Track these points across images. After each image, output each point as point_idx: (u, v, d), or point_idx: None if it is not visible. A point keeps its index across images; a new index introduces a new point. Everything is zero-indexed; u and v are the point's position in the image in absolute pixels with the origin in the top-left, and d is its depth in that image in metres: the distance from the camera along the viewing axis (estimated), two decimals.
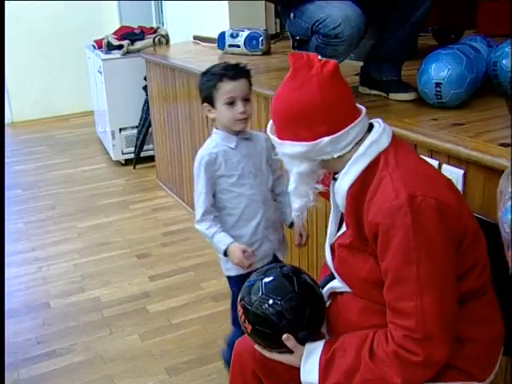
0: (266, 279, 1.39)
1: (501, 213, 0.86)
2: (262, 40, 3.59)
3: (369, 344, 1.26)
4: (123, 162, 4.87)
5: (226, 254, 1.91)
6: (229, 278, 2.05)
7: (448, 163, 1.69)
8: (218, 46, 3.77)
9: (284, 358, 1.39)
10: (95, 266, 3.23)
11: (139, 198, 4.19)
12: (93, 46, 4.96)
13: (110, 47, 4.63)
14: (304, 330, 1.35)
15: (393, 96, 2.25)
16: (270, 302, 1.34)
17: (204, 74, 1.93)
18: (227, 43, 3.70)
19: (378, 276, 1.26)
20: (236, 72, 1.88)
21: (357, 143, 1.31)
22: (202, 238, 3.47)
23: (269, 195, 2.00)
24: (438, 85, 1.96)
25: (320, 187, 1.40)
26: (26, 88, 6.36)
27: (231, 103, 1.85)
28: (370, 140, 1.30)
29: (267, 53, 3.63)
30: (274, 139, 1.38)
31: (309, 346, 1.35)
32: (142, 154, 4.77)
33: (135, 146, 4.74)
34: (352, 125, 1.30)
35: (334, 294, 1.45)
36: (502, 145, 1.59)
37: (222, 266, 2.04)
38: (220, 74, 1.86)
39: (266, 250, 1.99)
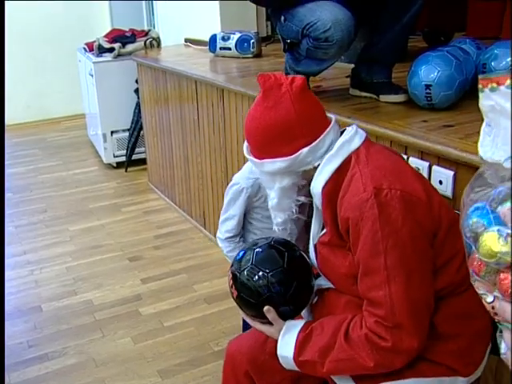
0: (258, 250, 1.42)
1: (462, 220, 0.85)
2: (253, 43, 3.60)
3: (346, 326, 1.29)
4: (115, 164, 4.87)
5: None
6: None
7: (438, 164, 1.71)
8: (210, 48, 3.78)
9: (264, 328, 1.42)
10: (87, 268, 3.22)
11: (131, 201, 4.19)
12: (84, 48, 4.95)
13: (102, 50, 4.62)
14: (287, 304, 1.39)
15: (383, 98, 2.27)
16: (260, 273, 1.38)
17: None
18: (218, 46, 3.71)
19: (357, 271, 1.29)
20: None
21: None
22: (194, 240, 3.50)
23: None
24: (427, 87, 1.97)
25: (302, 199, 1.44)
26: (17, 91, 6.33)
27: None
28: (341, 141, 1.35)
29: (258, 55, 3.64)
30: (253, 160, 1.41)
31: (289, 322, 1.39)
32: (134, 157, 4.76)
33: (127, 149, 4.73)
34: (326, 131, 1.35)
35: (320, 291, 1.49)
36: None
37: None
38: None
39: None
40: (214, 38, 3.75)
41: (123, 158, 4.78)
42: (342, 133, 1.39)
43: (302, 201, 1.44)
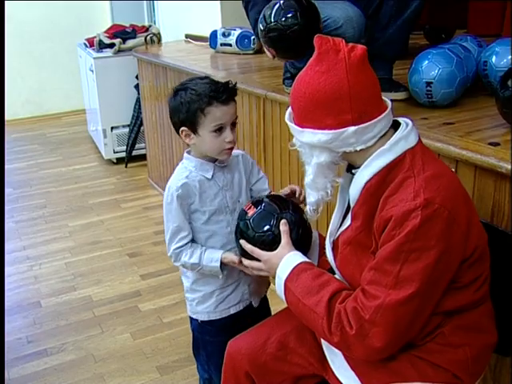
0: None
1: None
2: (253, 39, 3.59)
3: (336, 288, 1.28)
4: (115, 160, 4.86)
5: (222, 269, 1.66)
6: (193, 321, 1.80)
7: None
8: (210, 44, 3.78)
9: (258, 264, 1.47)
10: (87, 264, 3.22)
11: (131, 197, 4.18)
12: (84, 44, 4.95)
13: (102, 45, 4.61)
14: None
15: (384, 95, 2.24)
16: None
17: (182, 90, 1.59)
18: (219, 42, 3.70)
19: None
20: (228, 95, 1.57)
21: (381, 137, 1.27)
22: None
23: None
24: (428, 84, 1.97)
25: (340, 180, 1.36)
26: (17, 86, 6.34)
27: (219, 130, 1.57)
28: (397, 136, 1.26)
29: (259, 52, 3.63)
30: (293, 127, 1.32)
31: (292, 253, 1.41)
32: (134, 153, 4.76)
33: (127, 145, 4.73)
34: (380, 117, 1.26)
35: None
36: (491, 144, 1.61)
37: (188, 308, 1.79)
38: (210, 95, 1.54)
39: (241, 296, 1.74)
40: (214, 34, 3.74)
41: (123, 154, 4.78)
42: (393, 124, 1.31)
43: (340, 182, 1.36)
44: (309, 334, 1.48)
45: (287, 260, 1.39)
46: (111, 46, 4.57)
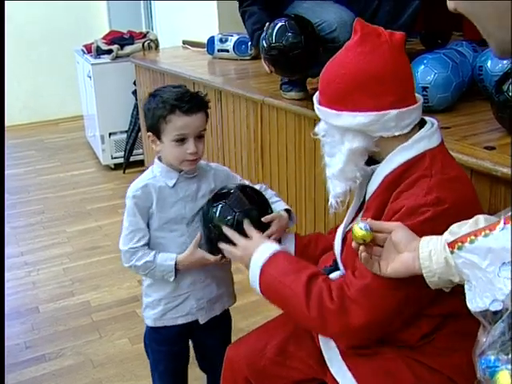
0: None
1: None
2: (250, 45, 3.60)
3: (316, 271, 1.29)
4: (113, 166, 4.87)
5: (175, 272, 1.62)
6: (145, 325, 1.77)
7: None
8: (208, 50, 3.79)
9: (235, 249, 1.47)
10: (85, 270, 3.22)
11: None
12: (82, 50, 4.96)
13: (100, 52, 4.63)
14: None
15: None
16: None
17: (153, 96, 1.59)
18: (216, 48, 3.72)
19: None
20: (192, 105, 1.54)
21: (413, 128, 1.26)
22: None
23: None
24: (424, 89, 1.98)
25: (369, 169, 1.31)
26: (14, 92, 6.34)
27: (181, 140, 1.54)
28: (421, 134, 1.25)
29: (256, 57, 3.64)
30: (327, 111, 1.27)
31: (268, 242, 1.43)
32: (132, 159, 4.76)
33: (125, 151, 4.73)
34: (417, 105, 1.26)
35: None
36: (486, 148, 1.62)
37: (142, 312, 1.77)
38: (172, 104, 1.52)
39: (189, 309, 1.70)
40: (211, 39, 3.76)
41: (121, 160, 4.78)
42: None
43: (368, 172, 1.31)
44: (308, 338, 1.48)
45: (265, 246, 1.40)
46: (109, 52, 4.58)
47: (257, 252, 1.39)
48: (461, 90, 2.03)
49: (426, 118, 1.32)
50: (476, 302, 0.86)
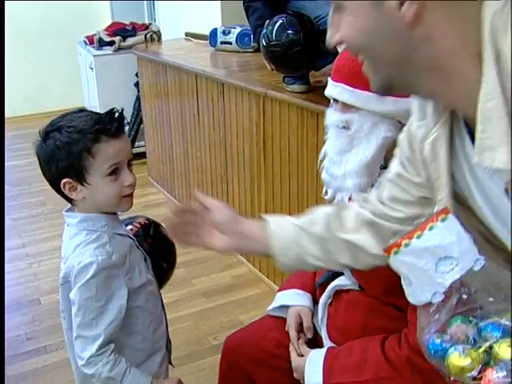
0: None
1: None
2: (253, 39, 3.59)
3: (380, 344, 1.23)
4: None
5: None
6: None
7: None
8: (210, 42, 3.77)
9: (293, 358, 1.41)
10: None
11: None
12: (84, 41, 4.95)
13: (102, 43, 4.62)
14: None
15: None
16: None
17: (55, 131, 1.25)
18: (219, 40, 3.70)
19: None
20: (118, 125, 1.26)
21: None
22: None
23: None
24: None
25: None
26: (15, 84, 6.32)
27: (115, 172, 1.25)
28: None
29: (259, 50, 3.62)
30: (369, 95, 1.18)
31: (312, 353, 1.34)
32: (134, 151, 4.72)
33: None
34: None
35: (337, 293, 1.41)
36: None
37: None
38: (96, 129, 1.22)
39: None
40: (214, 32, 3.74)
41: None
42: None
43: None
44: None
45: (310, 369, 1.31)
46: (111, 43, 4.57)
47: (308, 376, 1.31)
48: None
49: None
50: (418, 296, 0.88)
